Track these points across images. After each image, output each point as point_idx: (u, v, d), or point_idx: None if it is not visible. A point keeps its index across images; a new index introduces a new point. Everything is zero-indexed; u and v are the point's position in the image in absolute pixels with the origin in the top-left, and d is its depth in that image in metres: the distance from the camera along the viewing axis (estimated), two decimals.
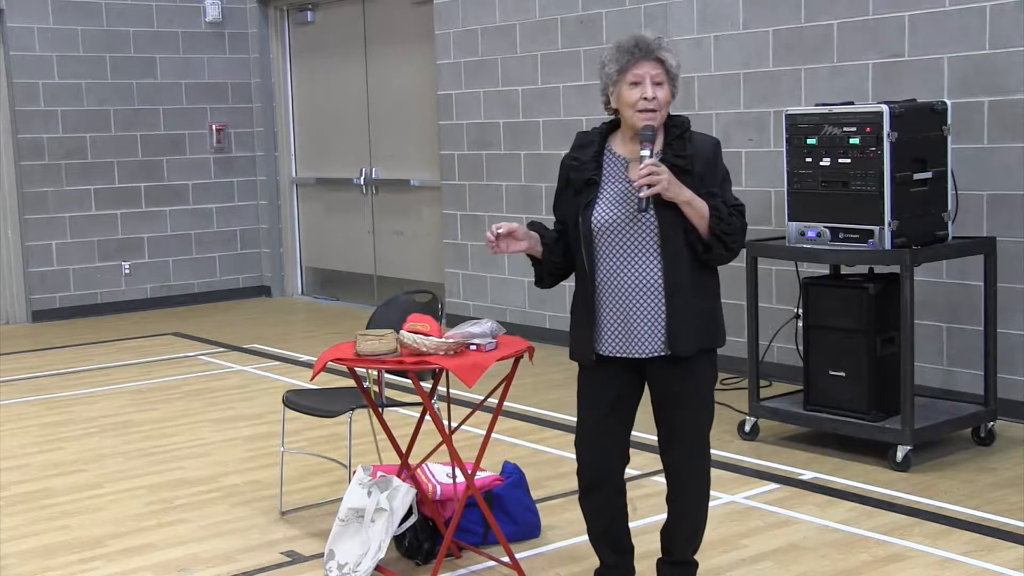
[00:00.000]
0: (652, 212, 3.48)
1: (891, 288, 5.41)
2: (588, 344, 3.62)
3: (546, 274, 3.76)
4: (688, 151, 3.53)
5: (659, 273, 3.51)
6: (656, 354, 3.55)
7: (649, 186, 3.40)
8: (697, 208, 3.47)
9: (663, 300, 3.52)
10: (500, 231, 3.61)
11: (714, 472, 5.26)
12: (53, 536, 4.82)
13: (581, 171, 3.61)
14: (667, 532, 3.80)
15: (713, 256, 3.52)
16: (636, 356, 3.56)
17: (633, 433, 3.76)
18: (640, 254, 3.52)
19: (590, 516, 3.81)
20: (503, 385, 4.09)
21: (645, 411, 3.71)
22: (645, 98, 3.46)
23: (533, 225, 3.75)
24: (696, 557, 3.85)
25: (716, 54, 7.17)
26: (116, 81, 10.48)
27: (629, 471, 3.83)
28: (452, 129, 9.07)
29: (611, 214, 3.54)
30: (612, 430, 3.68)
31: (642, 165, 3.44)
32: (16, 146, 10.07)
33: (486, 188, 8.84)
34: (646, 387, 3.69)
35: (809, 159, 5.49)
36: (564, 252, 3.70)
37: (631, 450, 3.76)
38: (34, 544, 4.73)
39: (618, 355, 3.58)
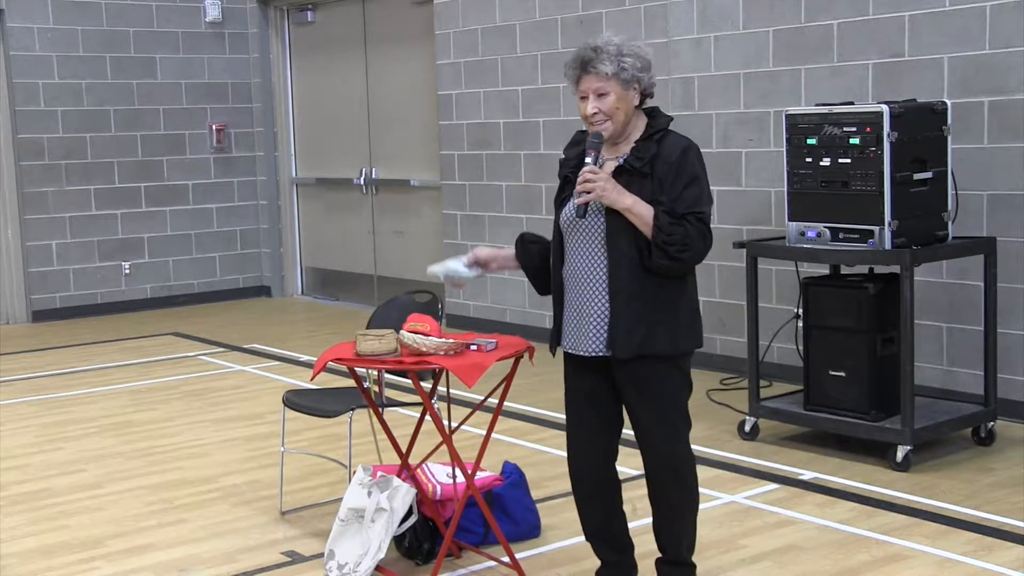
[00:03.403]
0: (602, 216, 3.54)
1: (891, 288, 5.41)
2: (555, 336, 3.76)
3: (537, 282, 3.90)
4: (649, 154, 3.54)
5: (605, 275, 3.57)
6: (597, 354, 3.60)
7: (587, 193, 3.50)
8: (639, 214, 3.49)
9: (607, 302, 3.57)
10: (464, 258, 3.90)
11: (714, 472, 5.29)
12: (53, 536, 4.82)
13: (563, 167, 3.73)
14: (655, 531, 3.83)
15: (655, 264, 3.51)
16: (581, 354, 3.65)
17: (633, 433, 3.77)
18: (592, 255, 3.60)
19: (581, 511, 3.86)
20: (503, 385, 4.10)
21: None
22: (587, 115, 3.57)
23: (523, 239, 3.88)
24: (695, 558, 3.85)
25: (716, 54, 7.17)
26: (116, 81, 10.48)
27: (628, 471, 3.83)
28: (452, 129, 9.07)
29: (572, 213, 3.63)
30: (592, 425, 3.73)
31: (581, 172, 3.53)
32: (16, 146, 10.07)
33: (486, 188, 8.84)
34: None
35: (809, 159, 5.49)
36: (545, 265, 3.83)
37: (631, 449, 3.76)
38: (34, 544, 4.73)
39: (570, 351, 3.69)
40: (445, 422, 4.21)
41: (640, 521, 4.39)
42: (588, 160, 3.54)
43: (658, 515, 3.77)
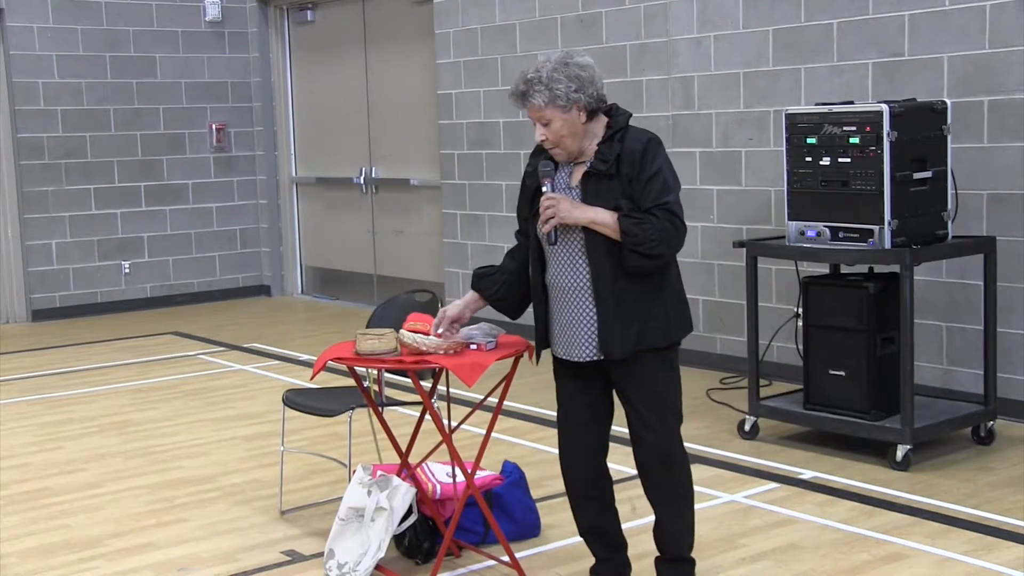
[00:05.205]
0: (578, 227, 3.58)
1: (891, 287, 5.41)
2: (541, 340, 3.79)
3: (507, 309, 3.94)
4: (612, 154, 3.58)
5: (589, 283, 3.62)
6: (592, 359, 3.64)
7: (550, 220, 3.57)
8: (603, 223, 3.55)
9: (594, 307, 3.61)
10: (439, 329, 3.91)
11: (714, 471, 5.29)
12: (53, 536, 4.82)
13: (532, 177, 3.75)
14: (654, 530, 3.85)
15: (632, 267, 3.55)
16: (575, 360, 3.68)
17: (628, 427, 3.77)
18: (574, 264, 3.64)
19: (574, 508, 3.88)
20: (503, 385, 4.10)
21: None
22: (537, 141, 3.66)
23: (477, 275, 3.94)
24: (695, 555, 3.86)
25: (716, 54, 7.17)
26: (116, 81, 10.48)
27: (627, 470, 3.83)
28: (452, 129, 9.07)
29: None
30: (583, 422, 3.77)
31: (540, 201, 3.61)
32: (16, 146, 10.07)
33: (486, 188, 8.84)
34: None
35: (809, 159, 5.49)
36: (512, 288, 3.88)
37: (630, 448, 3.76)
38: (34, 543, 4.73)
39: (563, 357, 3.72)
40: (445, 421, 4.21)
41: (638, 521, 4.40)
42: (545, 188, 3.62)
43: (656, 513, 3.78)
